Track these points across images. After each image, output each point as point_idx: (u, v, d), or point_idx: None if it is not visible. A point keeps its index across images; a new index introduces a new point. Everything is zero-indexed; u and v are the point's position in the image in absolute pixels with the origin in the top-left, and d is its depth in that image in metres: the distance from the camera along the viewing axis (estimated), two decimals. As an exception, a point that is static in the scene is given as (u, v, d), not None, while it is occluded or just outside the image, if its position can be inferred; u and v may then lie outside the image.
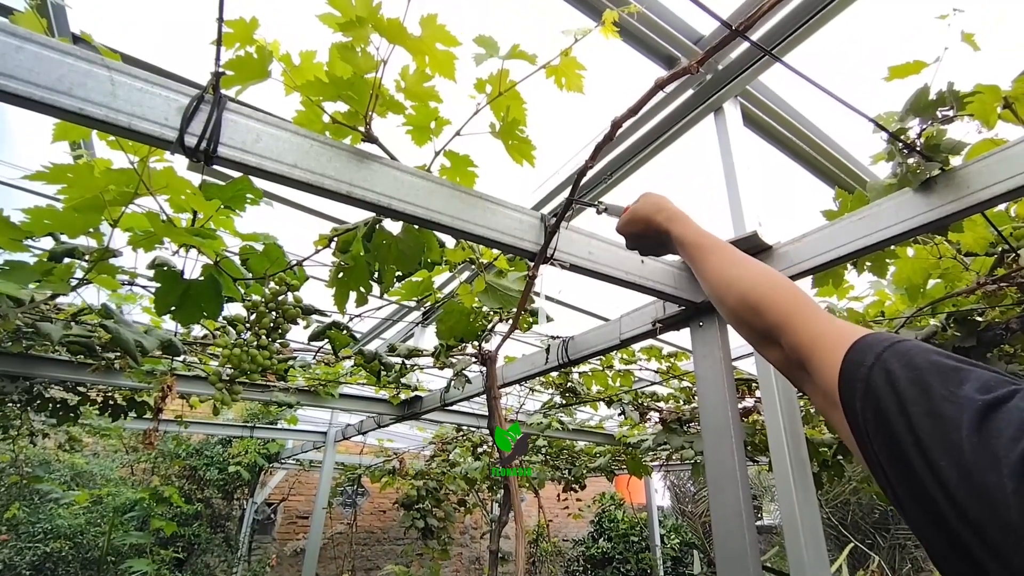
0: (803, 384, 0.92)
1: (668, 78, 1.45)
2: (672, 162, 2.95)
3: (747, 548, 1.89)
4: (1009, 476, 0.54)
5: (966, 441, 0.59)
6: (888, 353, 0.73)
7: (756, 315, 0.99)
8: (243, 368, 2.13)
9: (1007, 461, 0.55)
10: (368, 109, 1.60)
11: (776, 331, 0.94)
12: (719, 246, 1.23)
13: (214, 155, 1.32)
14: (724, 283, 1.10)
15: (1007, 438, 0.57)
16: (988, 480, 0.56)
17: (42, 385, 4.25)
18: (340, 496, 11.62)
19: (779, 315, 0.95)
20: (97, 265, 1.90)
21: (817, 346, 0.85)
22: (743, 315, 1.03)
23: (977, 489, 0.56)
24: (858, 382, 0.73)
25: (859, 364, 0.75)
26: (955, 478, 0.59)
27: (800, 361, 0.89)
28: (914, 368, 0.69)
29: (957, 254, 2.41)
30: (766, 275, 1.05)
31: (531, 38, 1.69)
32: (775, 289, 1.00)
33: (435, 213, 1.66)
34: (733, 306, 1.05)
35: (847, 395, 0.75)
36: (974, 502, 0.56)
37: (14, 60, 1.11)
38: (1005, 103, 1.67)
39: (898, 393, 0.68)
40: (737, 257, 1.16)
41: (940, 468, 0.60)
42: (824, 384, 0.81)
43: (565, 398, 5.33)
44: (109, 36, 2.32)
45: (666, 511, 16.64)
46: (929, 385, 0.66)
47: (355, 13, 1.43)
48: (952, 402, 0.63)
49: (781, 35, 2.17)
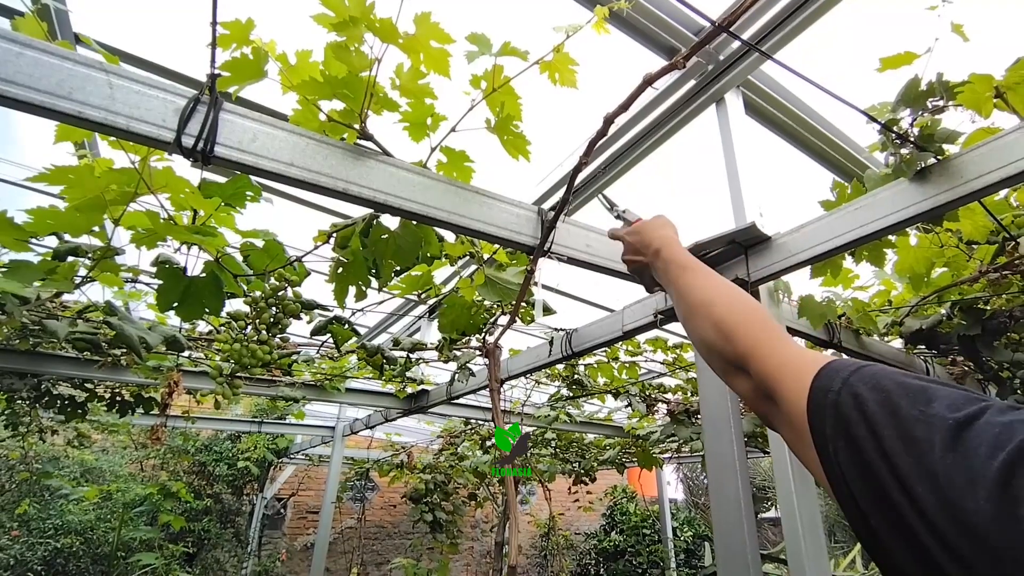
0: (772, 418, 0.90)
1: (656, 74, 1.47)
2: (675, 153, 2.95)
3: (746, 539, 1.92)
4: (986, 499, 0.53)
5: (939, 463, 0.58)
6: (854, 377, 0.72)
7: (728, 342, 0.97)
8: (244, 363, 2.15)
9: (984, 483, 0.54)
10: (363, 107, 1.62)
11: (745, 359, 0.93)
12: (702, 269, 1.23)
13: (211, 155, 1.35)
14: (702, 305, 1.08)
15: (982, 457, 0.56)
16: (966, 506, 0.54)
17: (50, 382, 4.30)
18: (350, 491, 11.67)
19: (749, 342, 0.94)
20: (100, 263, 1.93)
21: (784, 374, 0.85)
22: (716, 343, 1.01)
23: (956, 516, 0.55)
24: (827, 408, 0.72)
25: (826, 390, 0.74)
26: (932, 505, 0.57)
27: (768, 391, 0.87)
28: (881, 390, 0.68)
29: (959, 242, 2.42)
30: (742, 302, 1.04)
31: (530, 31, 1.71)
32: (747, 315, 1.00)
33: (431, 208, 1.69)
34: (706, 333, 1.04)
35: (816, 423, 0.74)
36: (954, 530, 0.54)
37: (14, 66, 1.14)
38: (997, 92, 1.68)
39: (867, 417, 0.67)
40: (716, 281, 1.15)
41: (917, 495, 0.58)
42: (792, 413, 0.79)
43: (572, 390, 5.34)
44: (110, 35, 2.35)
45: (679, 504, 16.62)
46: (898, 407, 0.65)
47: (348, 13, 1.45)
48: (923, 422, 0.62)
49: (780, 25, 2.17)
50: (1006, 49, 1.73)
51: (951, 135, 1.69)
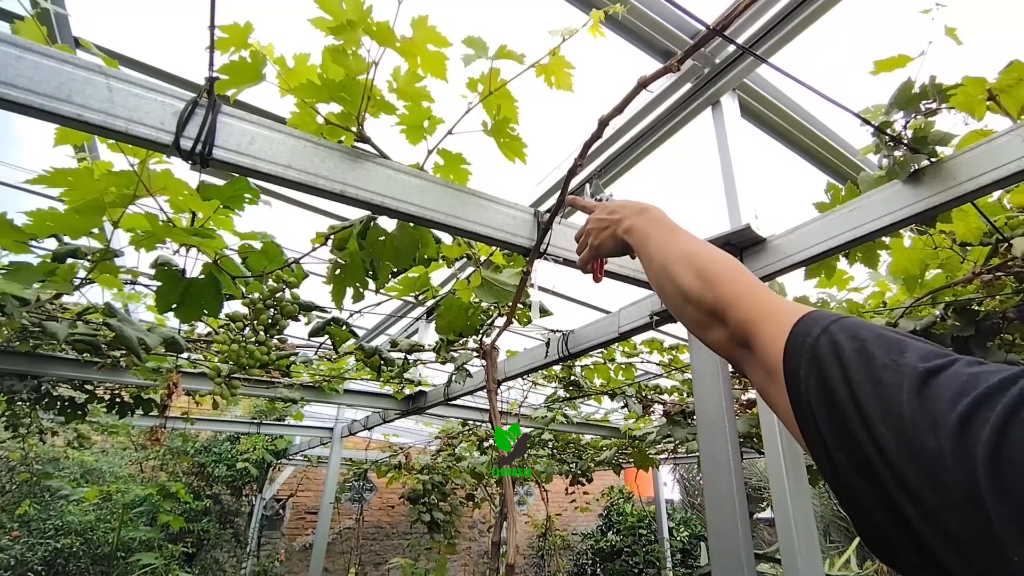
0: (743, 363, 0.93)
1: (651, 77, 1.48)
2: (671, 156, 2.96)
3: (740, 538, 1.94)
4: (946, 437, 0.55)
5: (905, 405, 0.60)
6: (834, 326, 0.75)
7: (711, 288, 0.99)
8: (242, 363, 2.17)
9: (944, 422, 0.56)
10: (361, 110, 1.63)
11: (725, 305, 0.95)
12: (687, 231, 1.24)
13: (210, 157, 1.37)
14: (685, 255, 1.09)
15: (946, 400, 0.58)
16: (926, 443, 0.56)
17: (50, 383, 4.32)
18: (348, 491, 11.68)
19: (731, 290, 0.96)
20: (99, 265, 1.95)
21: (764, 320, 0.87)
22: (696, 289, 1.02)
23: (915, 452, 0.57)
24: (804, 351, 0.75)
25: (805, 336, 0.77)
26: (893, 443, 0.59)
27: (745, 337, 0.90)
28: (859, 339, 0.71)
29: (953, 244, 2.43)
30: (724, 256, 1.06)
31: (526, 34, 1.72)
32: (730, 265, 1.02)
33: (428, 210, 1.70)
34: (688, 279, 1.05)
35: (792, 365, 0.76)
36: (911, 466, 0.57)
37: (14, 69, 1.16)
38: (989, 95, 1.69)
39: (842, 361, 0.69)
40: (700, 239, 1.17)
41: (879, 434, 0.61)
42: (768, 357, 0.82)
43: (568, 391, 5.36)
44: (109, 38, 2.35)
45: (676, 504, 16.64)
46: (872, 355, 0.68)
47: (346, 17, 1.47)
48: (893, 370, 0.65)
49: (776, 27, 2.18)
50: (999, 51, 1.74)
51: (944, 137, 1.71)
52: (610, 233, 1.43)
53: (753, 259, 2.22)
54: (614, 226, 1.42)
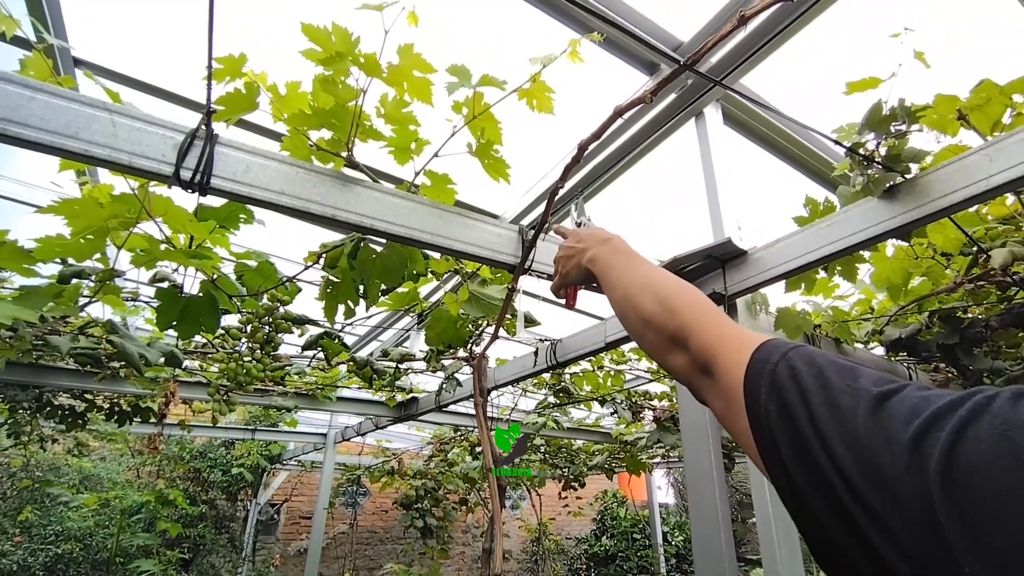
0: (703, 389, 0.96)
1: (626, 106, 1.54)
2: (656, 165, 3.00)
3: (723, 547, 1.98)
4: (900, 454, 0.58)
5: (861, 427, 0.63)
6: (792, 353, 0.79)
7: (673, 315, 1.03)
8: (239, 380, 2.23)
9: (898, 440, 0.59)
10: (350, 136, 1.71)
11: (686, 331, 0.99)
12: (650, 262, 1.28)
13: (208, 186, 1.44)
14: (649, 284, 1.13)
15: (899, 420, 0.61)
16: (882, 460, 0.59)
17: (51, 393, 4.40)
18: (342, 496, 11.72)
19: (693, 317, 1.00)
20: (103, 286, 2.02)
21: (725, 346, 0.90)
22: (659, 316, 1.06)
23: (871, 470, 0.60)
24: (764, 376, 0.78)
25: (765, 362, 0.80)
26: (851, 462, 0.62)
27: (706, 363, 0.93)
28: (815, 366, 0.74)
29: (935, 254, 2.47)
30: (687, 286, 1.10)
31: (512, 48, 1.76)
32: (692, 295, 1.06)
33: (416, 231, 1.76)
34: (651, 307, 1.09)
35: (752, 389, 0.79)
36: (868, 483, 0.60)
37: (27, 110, 1.23)
38: (960, 114, 1.76)
39: (801, 386, 0.72)
40: (662, 270, 1.20)
41: (837, 455, 0.63)
42: (728, 382, 0.85)
43: (558, 398, 5.42)
44: (107, 53, 2.42)
45: (670, 508, 16.65)
46: (828, 380, 0.71)
47: (335, 49, 1.54)
48: (849, 394, 0.68)
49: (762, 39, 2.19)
50: (973, 66, 1.79)
51: (918, 154, 1.75)
52: (575, 263, 1.46)
53: (735, 272, 2.24)
54: (579, 255, 1.45)
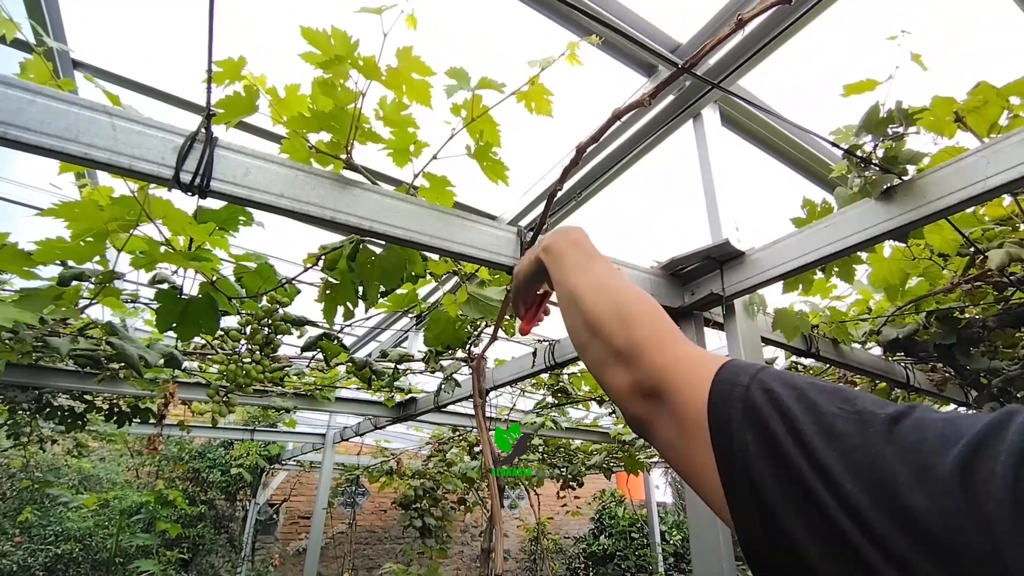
0: (645, 416, 0.83)
1: (624, 110, 1.55)
2: (655, 166, 3.00)
3: (720, 543, 1.99)
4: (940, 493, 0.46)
5: (876, 458, 0.52)
6: (762, 374, 0.67)
7: (625, 327, 0.91)
8: (239, 382, 2.24)
9: (935, 474, 0.48)
10: (349, 138, 1.71)
11: (639, 347, 0.86)
12: (614, 267, 1.13)
13: (208, 189, 1.44)
14: (607, 288, 1.01)
15: (929, 450, 0.50)
16: (914, 502, 0.47)
17: (51, 394, 4.40)
18: (341, 496, 11.72)
19: (648, 331, 0.88)
20: (103, 288, 2.03)
21: (681, 366, 0.79)
22: (610, 325, 0.93)
23: (899, 513, 0.48)
24: (735, 401, 0.66)
25: (732, 384, 0.68)
26: (867, 503, 0.50)
27: (656, 385, 0.80)
28: (794, 387, 0.63)
29: (932, 255, 2.49)
30: (647, 298, 0.98)
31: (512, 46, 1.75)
32: (651, 309, 0.94)
33: (415, 233, 1.76)
34: (602, 313, 0.96)
35: (720, 413, 0.67)
36: (893, 528, 0.47)
37: (28, 113, 1.24)
38: (956, 116, 1.77)
39: (783, 411, 0.61)
40: (624, 278, 1.08)
41: (848, 494, 0.51)
42: (685, 408, 0.73)
43: (557, 398, 5.42)
44: (106, 57, 2.43)
45: (668, 508, 16.66)
46: (815, 402, 0.60)
47: (334, 52, 1.54)
48: (845, 418, 0.57)
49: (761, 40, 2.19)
50: (973, 67, 1.80)
51: (915, 156, 1.76)
52: (529, 257, 1.30)
53: (732, 272, 2.25)
54: (536, 247, 1.28)
